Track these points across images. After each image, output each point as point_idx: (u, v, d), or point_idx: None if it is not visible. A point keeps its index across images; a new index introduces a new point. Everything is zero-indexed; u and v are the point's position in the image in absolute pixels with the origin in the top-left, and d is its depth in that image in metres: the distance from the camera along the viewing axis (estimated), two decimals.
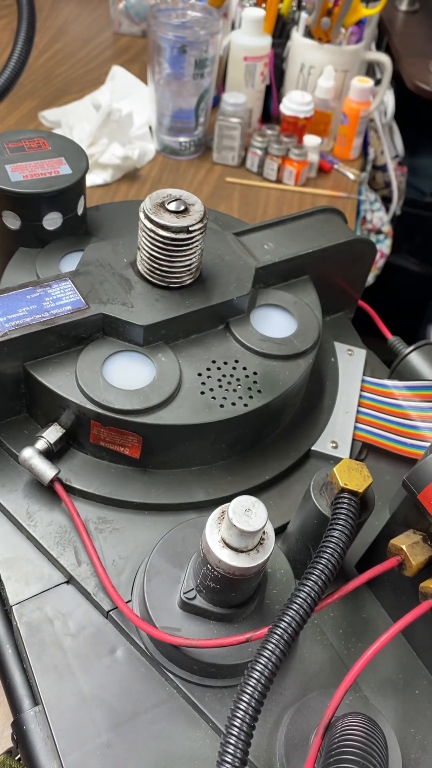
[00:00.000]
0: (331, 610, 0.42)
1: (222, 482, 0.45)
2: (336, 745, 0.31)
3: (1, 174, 0.48)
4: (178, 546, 0.39)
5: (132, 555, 0.42)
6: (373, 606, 0.42)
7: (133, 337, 0.44)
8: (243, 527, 0.31)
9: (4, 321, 0.41)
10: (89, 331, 0.44)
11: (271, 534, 0.33)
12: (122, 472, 0.44)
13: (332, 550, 0.33)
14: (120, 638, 0.39)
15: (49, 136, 0.53)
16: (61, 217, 0.49)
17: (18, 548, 0.42)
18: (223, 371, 0.45)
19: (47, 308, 0.43)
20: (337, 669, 0.39)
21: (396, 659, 0.40)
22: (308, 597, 0.32)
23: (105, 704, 0.37)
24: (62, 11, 1.30)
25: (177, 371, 0.43)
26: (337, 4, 0.88)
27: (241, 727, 0.29)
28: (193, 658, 0.36)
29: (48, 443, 0.43)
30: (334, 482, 0.36)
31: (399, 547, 0.35)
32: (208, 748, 0.36)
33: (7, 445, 0.45)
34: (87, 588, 0.40)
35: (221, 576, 0.33)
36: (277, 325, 0.49)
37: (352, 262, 0.56)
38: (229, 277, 0.48)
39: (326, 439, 0.49)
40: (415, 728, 0.37)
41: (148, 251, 0.44)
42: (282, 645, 0.31)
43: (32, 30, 0.75)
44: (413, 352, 0.54)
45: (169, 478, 0.45)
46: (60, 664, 0.38)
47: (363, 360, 0.56)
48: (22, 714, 0.38)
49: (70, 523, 0.42)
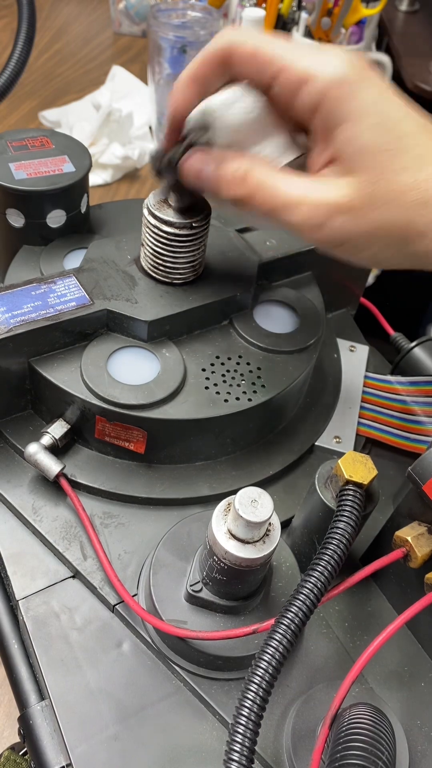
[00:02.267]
0: (337, 604, 0.42)
1: (226, 477, 0.45)
2: (343, 735, 0.31)
3: (5, 172, 0.48)
4: (183, 540, 0.39)
5: (137, 549, 0.42)
6: (378, 599, 0.42)
7: (137, 333, 0.44)
8: (249, 518, 0.31)
9: (9, 317, 0.42)
10: (94, 326, 0.44)
11: (277, 525, 0.34)
12: (127, 468, 0.44)
13: (337, 542, 0.34)
14: (126, 632, 0.39)
15: (52, 134, 0.53)
16: (64, 214, 0.50)
17: (24, 543, 0.42)
18: (227, 366, 0.45)
19: (52, 304, 0.43)
20: (343, 661, 0.39)
21: (401, 652, 0.40)
22: (314, 588, 0.32)
23: (112, 697, 0.37)
24: (62, 11, 1.31)
25: (181, 366, 0.44)
26: (337, 5, 0.88)
27: (248, 719, 0.29)
28: (199, 651, 0.36)
29: (53, 439, 0.43)
30: (338, 474, 0.37)
31: (404, 539, 0.35)
32: (215, 740, 0.36)
33: (12, 441, 0.45)
34: (93, 582, 0.40)
35: (228, 567, 0.33)
36: (280, 321, 0.49)
37: None
38: (233, 274, 0.48)
39: (330, 435, 0.50)
40: (422, 720, 0.38)
41: (151, 247, 0.44)
42: (288, 636, 0.31)
43: (32, 30, 0.75)
44: (416, 347, 0.54)
45: (174, 473, 0.45)
46: (67, 658, 0.38)
47: (366, 356, 0.56)
48: (28, 709, 0.38)
49: (76, 518, 0.43)
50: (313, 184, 0.35)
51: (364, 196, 0.33)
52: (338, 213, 0.34)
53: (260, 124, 0.37)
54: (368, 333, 0.60)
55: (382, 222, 0.33)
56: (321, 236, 0.35)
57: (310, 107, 0.34)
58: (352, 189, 0.33)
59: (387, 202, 0.33)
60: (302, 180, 0.35)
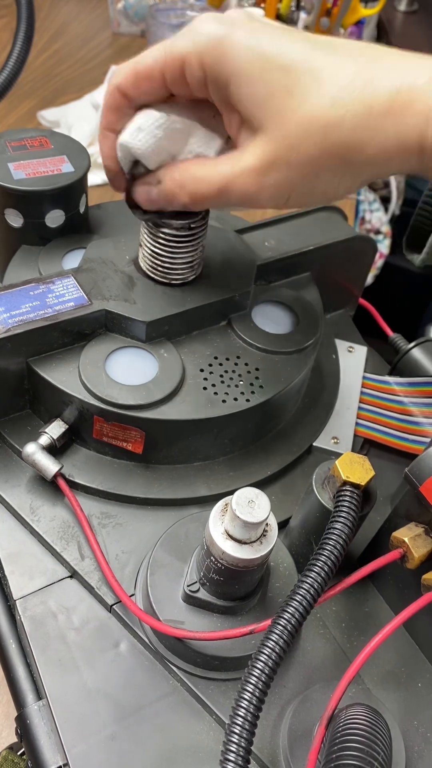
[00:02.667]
0: (334, 604, 0.42)
1: (224, 477, 0.45)
2: (340, 735, 0.31)
3: (3, 172, 0.48)
4: (180, 540, 0.39)
5: (135, 549, 0.42)
6: (375, 600, 0.42)
7: (135, 333, 0.44)
8: (246, 518, 0.31)
9: (7, 317, 0.42)
10: (92, 327, 0.44)
11: (274, 526, 0.34)
12: (125, 468, 0.45)
13: (334, 542, 0.34)
14: (123, 632, 0.39)
15: (51, 134, 0.53)
16: (63, 214, 0.50)
17: (21, 543, 0.42)
18: (225, 367, 0.45)
19: (50, 304, 0.43)
20: (340, 662, 0.39)
21: (398, 653, 0.40)
22: (311, 588, 0.32)
23: (109, 697, 0.37)
24: (61, 11, 1.31)
25: (179, 367, 0.44)
26: (335, 5, 0.88)
27: (244, 719, 0.29)
28: (196, 651, 0.36)
29: (51, 439, 0.43)
30: (336, 475, 0.37)
31: (401, 540, 0.36)
32: (212, 740, 0.36)
33: (10, 441, 0.45)
34: (90, 582, 0.40)
35: (224, 568, 0.33)
36: (279, 322, 0.49)
37: (353, 259, 0.57)
38: (231, 274, 0.48)
39: (328, 435, 0.50)
40: (418, 721, 0.38)
41: (149, 248, 0.44)
42: (285, 636, 0.31)
43: (31, 29, 0.75)
44: (414, 348, 0.54)
45: (172, 474, 0.45)
46: (64, 657, 0.38)
47: (364, 357, 0.57)
48: (26, 708, 0.38)
49: (74, 518, 0.43)
50: (234, 157, 0.35)
51: (281, 143, 0.33)
52: (268, 171, 0.34)
53: (175, 131, 0.38)
54: (367, 334, 0.61)
55: (309, 155, 0.33)
56: (268, 197, 0.35)
57: (200, 83, 0.35)
58: (266, 143, 0.33)
59: (305, 136, 0.32)
60: (226, 158, 0.36)
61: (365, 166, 0.33)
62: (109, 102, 0.38)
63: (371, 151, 0.32)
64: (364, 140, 0.32)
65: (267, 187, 0.34)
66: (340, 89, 0.31)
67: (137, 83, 0.36)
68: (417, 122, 0.30)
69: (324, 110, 0.32)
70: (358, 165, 0.33)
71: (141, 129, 0.38)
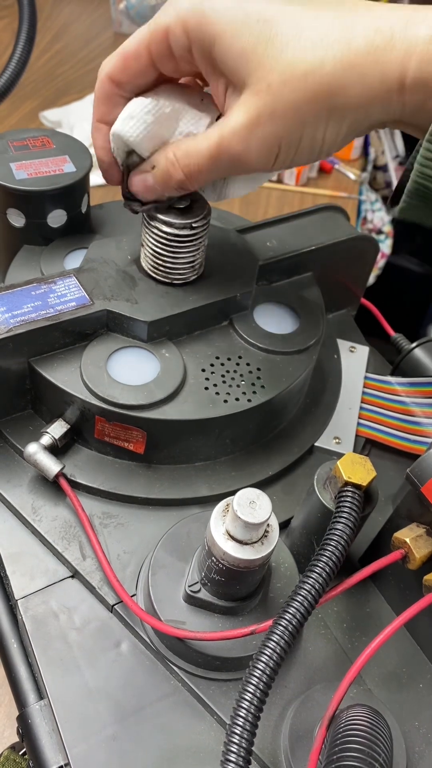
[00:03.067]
0: (335, 605, 0.42)
1: (226, 477, 0.45)
2: (341, 736, 0.31)
3: (5, 172, 0.48)
4: (182, 540, 0.39)
5: (136, 549, 0.42)
6: (376, 601, 0.42)
7: (137, 333, 0.44)
8: (247, 519, 0.31)
9: (9, 317, 0.42)
10: (94, 327, 0.44)
11: (276, 526, 0.34)
12: (126, 468, 0.45)
13: (336, 543, 0.34)
14: (125, 632, 0.39)
15: (53, 134, 0.53)
16: (65, 214, 0.50)
17: (23, 543, 0.42)
18: (227, 367, 0.45)
19: (52, 304, 0.43)
20: (341, 662, 0.39)
21: (399, 653, 0.40)
22: (312, 589, 0.32)
23: (110, 697, 0.37)
24: (63, 11, 1.31)
25: (181, 367, 0.44)
26: None
27: (245, 719, 0.29)
28: (197, 651, 0.36)
29: (53, 439, 0.43)
30: (337, 476, 0.37)
31: (402, 540, 0.35)
32: (213, 740, 0.36)
33: (12, 441, 0.45)
34: (92, 582, 0.40)
35: (226, 568, 0.33)
36: (281, 322, 0.49)
37: (355, 259, 0.57)
38: (233, 274, 0.48)
39: (329, 435, 0.50)
40: (420, 722, 0.38)
41: (151, 248, 0.45)
42: (286, 637, 0.31)
43: (33, 30, 0.75)
44: (416, 348, 0.54)
45: (173, 474, 0.45)
46: (65, 657, 0.38)
47: (366, 357, 0.56)
48: (27, 708, 0.38)
49: (75, 518, 0.43)
50: (222, 122, 0.36)
51: (265, 95, 0.33)
52: (254, 126, 0.34)
53: (165, 115, 0.38)
54: (369, 334, 0.60)
55: (293, 102, 0.33)
56: (256, 155, 0.35)
57: (185, 51, 0.35)
58: (251, 97, 0.34)
59: (287, 82, 0.33)
60: (214, 126, 0.36)
61: (348, 111, 0.33)
62: (100, 92, 0.39)
63: (353, 92, 0.32)
64: (345, 82, 0.32)
65: (254, 144, 0.35)
66: (319, 34, 0.32)
67: (126, 65, 0.37)
68: (396, 57, 0.31)
69: (305, 55, 0.32)
70: (341, 109, 0.33)
71: (132, 116, 0.38)
